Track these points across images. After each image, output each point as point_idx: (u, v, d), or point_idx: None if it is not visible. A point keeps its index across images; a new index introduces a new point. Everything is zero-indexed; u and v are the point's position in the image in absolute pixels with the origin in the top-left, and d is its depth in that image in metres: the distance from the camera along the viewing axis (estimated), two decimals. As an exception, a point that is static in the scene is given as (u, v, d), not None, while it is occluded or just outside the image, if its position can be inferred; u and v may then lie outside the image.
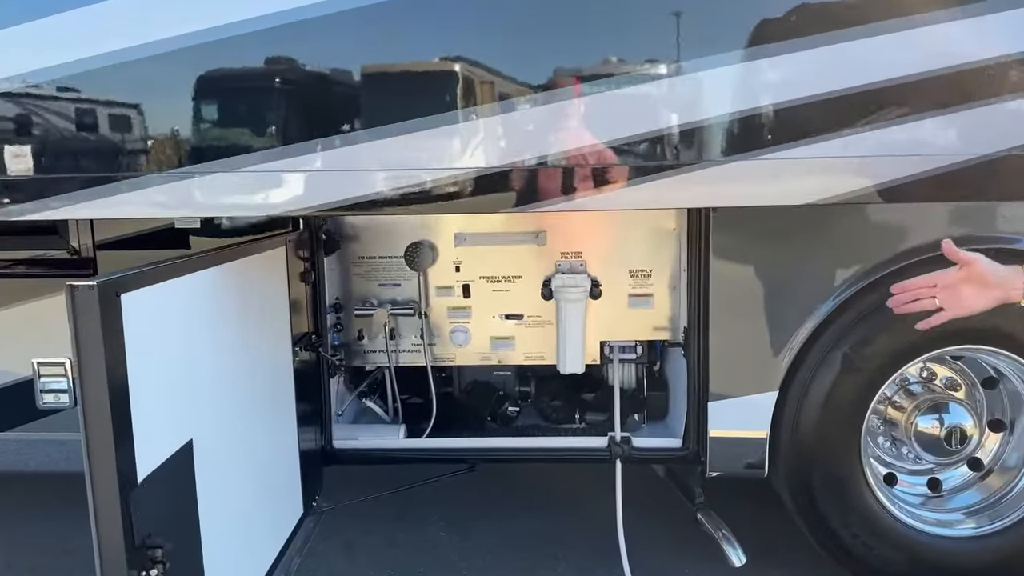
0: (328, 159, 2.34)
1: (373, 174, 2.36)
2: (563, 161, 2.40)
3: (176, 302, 1.84)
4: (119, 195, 2.36)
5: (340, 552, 3.45)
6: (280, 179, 2.33)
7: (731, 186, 2.40)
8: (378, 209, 2.42)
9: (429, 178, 2.38)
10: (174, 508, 1.82)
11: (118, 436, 1.53)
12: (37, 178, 2.45)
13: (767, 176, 2.36)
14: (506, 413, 3.44)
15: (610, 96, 2.35)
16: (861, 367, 2.86)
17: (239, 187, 2.31)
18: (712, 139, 2.37)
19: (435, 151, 2.37)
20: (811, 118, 2.31)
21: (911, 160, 2.32)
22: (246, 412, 2.33)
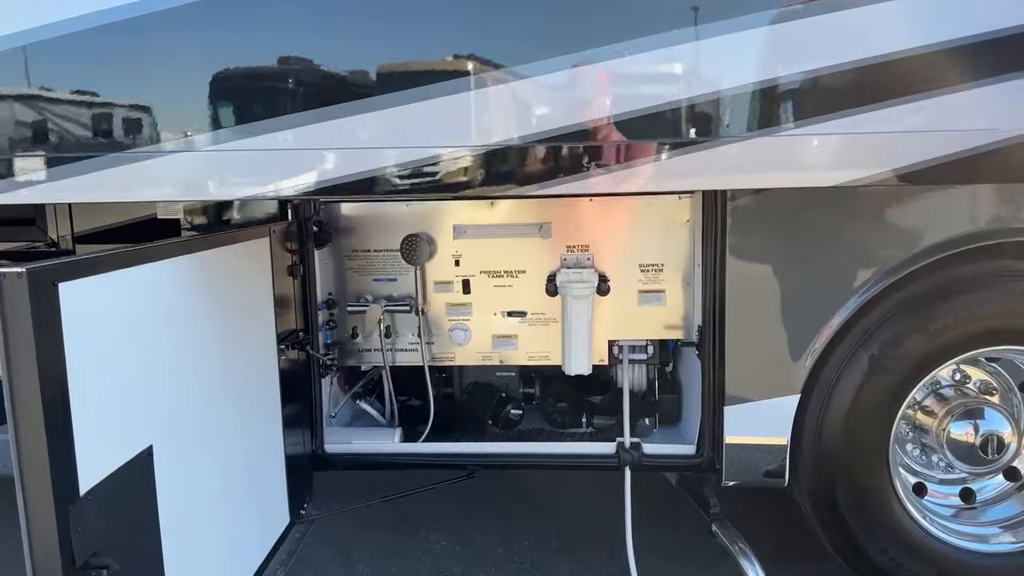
0: (309, 136, 2.14)
1: (363, 152, 2.17)
2: (566, 137, 2.18)
3: (131, 294, 1.66)
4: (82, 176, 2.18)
5: (334, 561, 3.28)
6: (257, 159, 2.15)
7: (753, 166, 2.18)
8: (368, 193, 2.23)
9: (417, 157, 2.18)
10: (129, 522, 1.64)
11: (54, 443, 1.35)
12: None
13: (793, 154, 2.14)
14: (508, 416, 3.25)
15: (618, 64, 2.14)
16: (890, 369, 2.66)
17: (210, 167, 2.13)
18: (730, 112, 2.15)
19: (423, 127, 2.17)
20: (841, 88, 2.10)
21: (955, 136, 2.08)
22: (220, 415, 2.15)
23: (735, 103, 2.11)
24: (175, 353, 1.87)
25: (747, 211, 2.64)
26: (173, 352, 1.86)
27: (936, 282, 2.63)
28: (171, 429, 1.83)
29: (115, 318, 1.60)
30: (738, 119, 2.12)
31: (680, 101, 2.12)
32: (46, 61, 2.19)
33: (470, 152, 2.18)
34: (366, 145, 2.15)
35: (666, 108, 2.13)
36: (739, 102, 2.12)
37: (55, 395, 1.37)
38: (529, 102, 2.17)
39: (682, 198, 2.92)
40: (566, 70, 2.12)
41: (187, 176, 2.12)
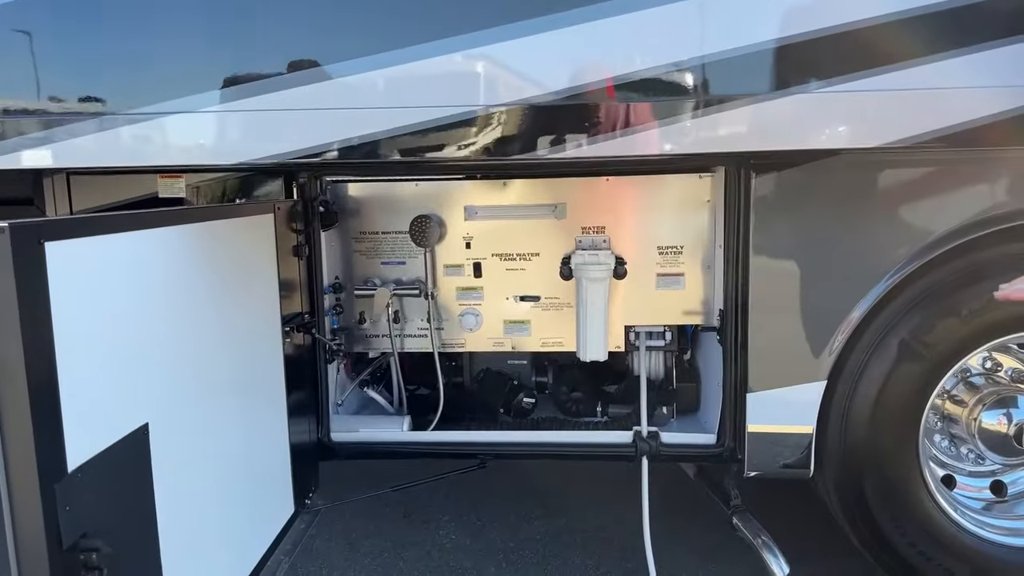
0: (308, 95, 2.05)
1: (364, 114, 2.07)
2: (576, 96, 2.07)
3: (126, 260, 1.56)
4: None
5: (341, 553, 3.18)
6: (261, 120, 2.05)
7: (789, 125, 2.07)
8: (374, 158, 2.12)
9: (418, 120, 2.08)
10: (123, 504, 1.54)
11: (39, 414, 1.25)
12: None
13: (833, 112, 2.03)
14: (520, 404, 3.14)
15: (632, 17, 2.02)
16: (921, 355, 2.54)
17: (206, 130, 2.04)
18: (758, 68, 2.03)
19: (431, 85, 2.07)
20: (878, 43, 1.98)
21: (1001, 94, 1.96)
22: (221, 396, 2.05)
23: (770, 57, 2.00)
24: (174, 327, 1.77)
25: (772, 189, 2.52)
26: (171, 325, 1.75)
27: (970, 263, 2.51)
28: (169, 408, 1.72)
29: (108, 285, 1.49)
30: (774, 74, 2.01)
31: (711, 56, 2.01)
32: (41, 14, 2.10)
33: (484, 112, 2.07)
34: (372, 105, 2.05)
35: (695, 64, 2.02)
36: (774, 56, 2.01)
37: (40, 362, 1.27)
38: (547, 58, 2.06)
39: (702, 177, 2.81)
40: (587, 23, 2.01)
41: (194, 139, 2.03)
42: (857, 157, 2.46)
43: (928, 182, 2.49)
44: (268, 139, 2.11)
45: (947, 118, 1.99)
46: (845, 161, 2.47)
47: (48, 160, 2.20)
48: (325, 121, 2.09)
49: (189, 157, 2.24)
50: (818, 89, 2.02)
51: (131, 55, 2.20)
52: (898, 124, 2.04)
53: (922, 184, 2.49)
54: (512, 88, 2.09)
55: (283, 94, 2.08)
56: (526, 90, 2.07)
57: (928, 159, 2.46)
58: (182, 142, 2.16)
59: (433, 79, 2.11)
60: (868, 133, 2.10)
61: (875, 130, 2.10)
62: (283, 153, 2.07)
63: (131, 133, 2.07)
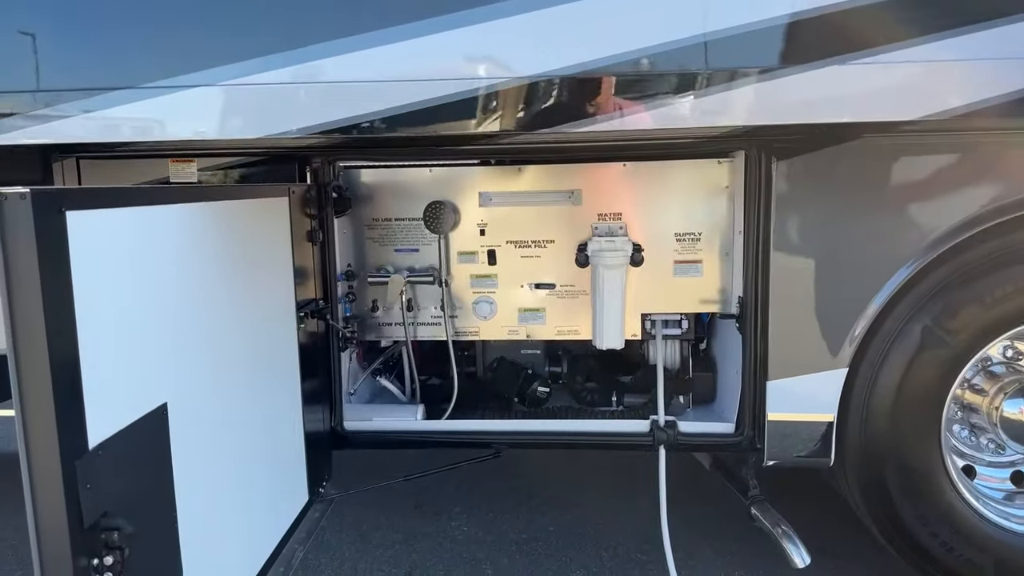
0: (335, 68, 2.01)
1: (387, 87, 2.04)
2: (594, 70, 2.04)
3: (145, 234, 1.52)
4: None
5: (352, 545, 3.14)
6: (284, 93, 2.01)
7: (821, 98, 2.03)
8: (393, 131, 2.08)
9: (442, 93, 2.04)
10: (142, 485, 1.50)
11: (60, 385, 1.21)
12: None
13: (866, 85, 1.99)
14: (535, 393, 3.10)
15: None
16: (944, 342, 2.50)
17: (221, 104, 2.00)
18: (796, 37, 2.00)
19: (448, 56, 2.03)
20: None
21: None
22: (238, 380, 2.01)
23: (800, 28, 1.97)
24: (192, 306, 1.73)
25: (794, 174, 2.49)
26: (189, 304, 1.71)
27: (996, 248, 2.48)
28: (187, 388, 1.69)
29: (127, 258, 1.46)
30: (804, 45, 1.97)
31: (738, 27, 1.98)
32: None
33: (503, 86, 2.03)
34: (390, 78, 2.01)
35: (721, 35, 1.99)
36: (804, 27, 1.97)
37: (62, 334, 1.23)
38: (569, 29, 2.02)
39: (721, 162, 2.77)
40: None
41: (210, 114, 1.99)
42: (880, 141, 2.44)
43: (952, 166, 2.45)
44: (285, 114, 2.07)
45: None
46: (868, 145, 2.44)
47: (57, 135, 2.17)
48: (344, 95, 2.05)
49: (202, 132, 2.21)
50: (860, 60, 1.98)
51: (142, 26, 2.17)
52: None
53: (946, 169, 2.45)
54: (534, 60, 2.05)
55: (301, 67, 2.04)
56: (551, 62, 2.04)
57: (953, 143, 2.42)
58: (195, 117, 2.13)
59: (454, 51, 2.08)
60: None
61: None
62: (301, 129, 2.04)
63: (143, 108, 2.04)
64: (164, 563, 1.58)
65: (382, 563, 3.02)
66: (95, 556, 1.29)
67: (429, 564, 3.02)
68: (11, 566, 3.06)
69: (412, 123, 2.18)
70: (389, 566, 3.00)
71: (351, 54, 2.05)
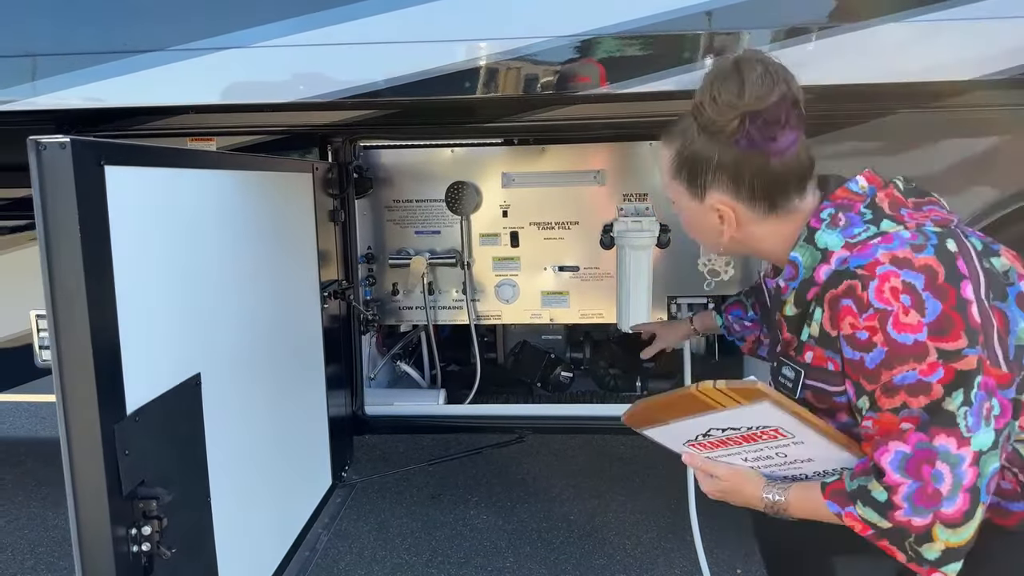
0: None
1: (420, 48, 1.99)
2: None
3: (181, 197, 1.47)
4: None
5: (372, 532, 3.09)
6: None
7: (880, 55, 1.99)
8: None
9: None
10: (176, 454, 1.45)
11: (99, 345, 1.16)
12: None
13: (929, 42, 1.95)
14: (558, 378, 3.05)
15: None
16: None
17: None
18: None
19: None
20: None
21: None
22: (267, 357, 1.96)
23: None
24: (224, 275, 1.68)
25: (824, 150, 2.44)
26: (222, 273, 1.67)
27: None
28: (220, 360, 1.64)
29: (164, 221, 1.41)
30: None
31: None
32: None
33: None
34: (421, 39, 1.98)
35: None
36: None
37: (101, 291, 1.18)
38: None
39: (751, 141, 2.72)
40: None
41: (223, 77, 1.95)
42: (913, 117, 2.39)
43: (984, 142, 2.40)
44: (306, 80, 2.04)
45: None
46: (899, 121, 2.39)
47: (72, 100, 2.14)
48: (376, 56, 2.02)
49: (223, 96, 2.17)
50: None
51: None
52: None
53: (978, 145, 2.40)
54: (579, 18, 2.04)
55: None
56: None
57: (986, 117, 2.38)
58: (215, 80, 2.09)
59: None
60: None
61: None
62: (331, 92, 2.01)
63: (165, 71, 2.01)
64: (198, 537, 1.53)
65: (401, 551, 2.97)
66: (134, 525, 1.24)
67: (449, 552, 2.97)
68: (23, 555, 3.01)
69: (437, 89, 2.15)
70: (409, 554, 2.95)
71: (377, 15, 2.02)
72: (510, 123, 2.56)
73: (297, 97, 2.15)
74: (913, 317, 1.12)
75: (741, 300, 2.01)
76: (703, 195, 1.34)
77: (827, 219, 1.27)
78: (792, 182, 1.30)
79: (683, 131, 1.34)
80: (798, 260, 1.29)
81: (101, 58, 2.22)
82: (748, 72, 1.22)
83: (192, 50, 2.09)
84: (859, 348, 1.18)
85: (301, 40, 2.09)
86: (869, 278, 1.16)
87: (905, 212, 1.24)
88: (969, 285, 1.15)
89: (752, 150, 1.24)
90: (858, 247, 1.20)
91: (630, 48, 2.15)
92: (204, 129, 2.62)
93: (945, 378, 1.11)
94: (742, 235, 1.36)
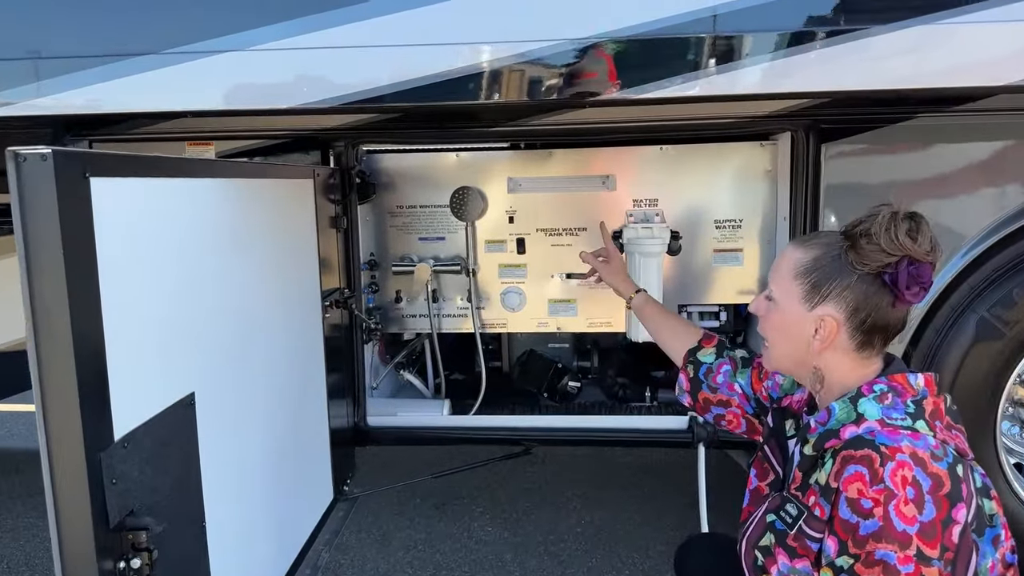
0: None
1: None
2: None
3: (174, 208, 1.40)
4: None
5: (374, 546, 3.02)
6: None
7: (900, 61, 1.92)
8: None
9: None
10: (169, 480, 1.38)
11: (83, 369, 1.09)
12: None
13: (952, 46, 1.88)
14: (566, 388, 2.97)
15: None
16: (1002, 334, 2.38)
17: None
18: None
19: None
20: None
21: None
22: (265, 370, 1.89)
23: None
24: (221, 289, 1.61)
25: (843, 156, 2.37)
26: (216, 287, 1.59)
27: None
28: (215, 377, 1.57)
29: (155, 234, 1.34)
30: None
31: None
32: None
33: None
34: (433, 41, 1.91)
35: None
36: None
37: (86, 311, 1.10)
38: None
39: (764, 145, 2.65)
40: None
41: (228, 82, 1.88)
42: (935, 121, 2.32)
43: (1011, 148, 2.33)
44: (308, 84, 1.98)
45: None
46: (922, 126, 2.33)
47: (66, 106, 2.08)
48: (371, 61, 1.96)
49: (223, 102, 2.10)
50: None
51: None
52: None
53: (1005, 150, 2.33)
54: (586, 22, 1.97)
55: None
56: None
57: (1011, 122, 2.31)
58: (216, 85, 2.02)
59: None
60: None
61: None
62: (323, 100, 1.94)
63: (158, 78, 1.94)
64: (192, 566, 1.46)
65: (405, 565, 2.90)
66: (122, 558, 1.16)
67: (454, 566, 2.89)
68: (20, 568, 2.95)
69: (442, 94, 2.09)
70: (413, 568, 2.88)
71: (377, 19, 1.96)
72: (516, 127, 2.49)
73: (297, 103, 2.08)
74: (911, 510, 1.22)
75: (735, 359, 1.87)
76: (817, 304, 1.41)
77: (877, 393, 1.36)
78: (891, 333, 1.41)
79: (828, 244, 1.42)
80: (835, 411, 1.38)
81: (97, 61, 2.16)
82: (923, 226, 1.34)
83: (190, 53, 2.03)
84: (858, 513, 1.25)
85: (302, 43, 2.02)
86: (889, 458, 1.25)
87: (939, 424, 1.33)
88: (963, 510, 1.25)
89: (888, 288, 1.34)
90: (889, 429, 1.30)
91: (639, 52, 2.08)
92: (203, 133, 2.55)
93: (913, 574, 1.21)
94: (820, 354, 1.43)
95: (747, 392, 1.81)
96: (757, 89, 2.11)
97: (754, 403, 1.81)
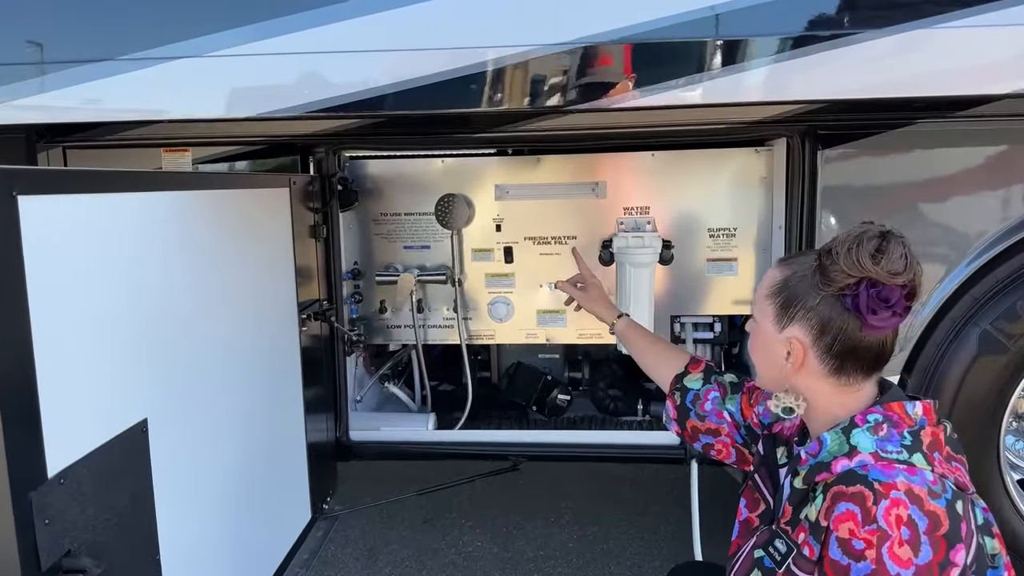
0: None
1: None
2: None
3: (120, 226, 1.32)
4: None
5: (359, 561, 2.93)
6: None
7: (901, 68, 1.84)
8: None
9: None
10: (115, 514, 1.30)
11: (8, 406, 1.01)
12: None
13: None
14: (555, 401, 2.89)
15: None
16: (1005, 348, 2.29)
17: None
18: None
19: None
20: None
21: None
22: (231, 389, 1.81)
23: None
24: (178, 308, 1.53)
25: (840, 163, 2.29)
26: (175, 306, 1.51)
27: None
28: (172, 401, 1.49)
29: (97, 254, 1.25)
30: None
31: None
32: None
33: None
34: (410, 47, 1.83)
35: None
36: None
37: (12, 343, 1.03)
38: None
39: (759, 151, 2.56)
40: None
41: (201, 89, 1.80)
42: (934, 127, 2.24)
43: (1014, 152, 2.25)
44: (286, 90, 1.89)
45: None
46: (921, 132, 2.25)
47: (38, 114, 1.99)
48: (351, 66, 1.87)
49: (198, 109, 2.02)
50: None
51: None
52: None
53: (1007, 157, 2.25)
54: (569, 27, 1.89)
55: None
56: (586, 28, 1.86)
57: (1013, 128, 2.22)
58: (190, 91, 1.94)
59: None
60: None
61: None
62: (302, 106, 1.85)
63: (131, 81, 1.86)
64: (143, 604, 1.38)
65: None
66: (55, 604, 1.08)
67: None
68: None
69: (424, 100, 2.01)
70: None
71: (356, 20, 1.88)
72: (503, 132, 2.42)
73: (270, 110, 2.00)
74: (906, 552, 1.15)
75: (724, 384, 1.76)
76: (785, 325, 1.34)
77: (871, 423, 1.28)
78: (867, 362, 1.31)
79: (802, 263, 1.35)
80: (827, 442, 1.30)
81: (69, 66, 2.08)
82: (892, 246, 1.25)
83: (157, 59, 1.94)
84: (849, 555, 1.18)
85: (273, 48, 1.94)
86: (883, 495, 1.17)
87: (938, 457, 1.26)
88: (961, 551, 1.17)
89: (851, 312, 1.26)
90: (884, 463, 1.22)
91: (630, 57, 2.00)
92: (179, 140, 2.48)
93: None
94: (798, 381, 1.36)
95: (737, 419, 1.72)
96: (752, 97, 2.02)
97: (744, 431, 1.72)
